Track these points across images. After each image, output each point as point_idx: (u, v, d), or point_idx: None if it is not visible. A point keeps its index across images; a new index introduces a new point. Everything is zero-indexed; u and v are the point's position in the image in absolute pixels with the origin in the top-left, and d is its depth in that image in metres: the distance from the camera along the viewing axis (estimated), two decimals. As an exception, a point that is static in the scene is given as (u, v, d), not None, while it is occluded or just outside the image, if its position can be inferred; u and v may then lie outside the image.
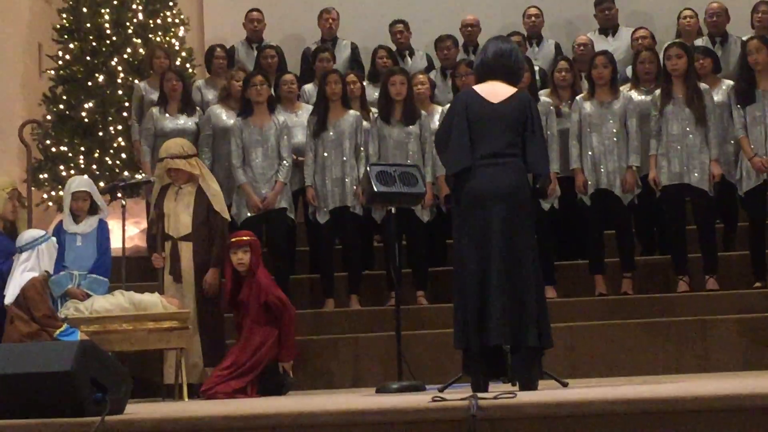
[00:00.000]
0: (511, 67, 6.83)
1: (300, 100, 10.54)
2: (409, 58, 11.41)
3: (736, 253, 9.45)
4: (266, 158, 9.47)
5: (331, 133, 9.57)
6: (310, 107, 10.11)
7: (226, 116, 9.96)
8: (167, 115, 10.16)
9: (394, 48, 11.35)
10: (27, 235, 8.27)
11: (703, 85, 9.17)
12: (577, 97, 9.48)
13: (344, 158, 9.54)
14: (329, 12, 11.61)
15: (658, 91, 9.19)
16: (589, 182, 9.25)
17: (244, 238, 8.28)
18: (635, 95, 9.39)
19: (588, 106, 9.33)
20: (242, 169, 9.45)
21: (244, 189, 9.44)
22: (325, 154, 9.56)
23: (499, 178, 6.55)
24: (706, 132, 9.01)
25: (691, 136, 9.02)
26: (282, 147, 9.50)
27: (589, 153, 9.26)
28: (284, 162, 9.50)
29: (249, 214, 9.41)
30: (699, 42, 10.35)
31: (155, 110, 10.21)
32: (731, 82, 9.45)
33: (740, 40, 10.07)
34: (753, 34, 10.14)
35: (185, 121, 10.12)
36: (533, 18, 11.43)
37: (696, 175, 9.01)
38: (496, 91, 6.73)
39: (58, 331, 7.73)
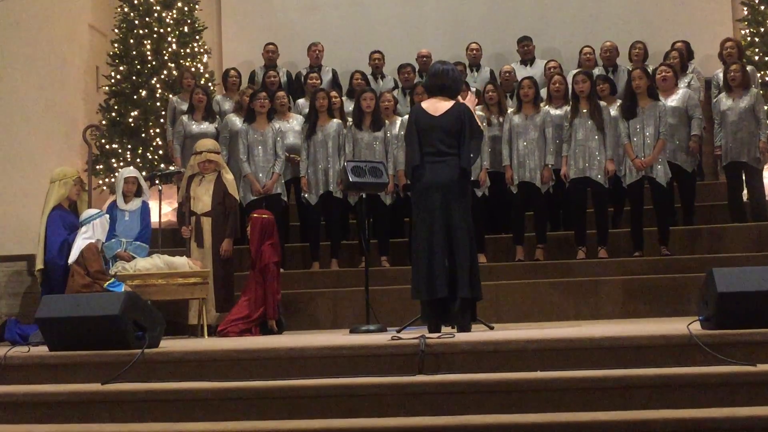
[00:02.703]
0: (447, 84, 6.70)
1: (293, 110, 10.49)
2: (381, 80, 11.36)
3: (621, 230, 9.47)
4: (265, 155, 9.42)
5: (320, 136, 9.50)
6: (300, 116, 10.08)
7: (239, 123, 9.87)
8: (194, 121, 10.11)
9: (370, 71, 11.29)
10: (87, 212, 8.28)
11: (602, 103, 9.14)
12: (509, 111, 9.41)
13: (329, 155, 9.48)
14: (316, 45, 11.54)
15: (568, 107, 9.19)
16: (516, 176, 9.23)
17: (261, 216, 8.25)
18: (552, 110, 9.32)
19: (516, 118, 9.27)
20: (247, 162, 9.40)
21: (248, 178, 9.38)
22: (315, 152, 9.51)
23: (439, 173, 6.52)
24: (603, 138, 9.00)
25: (592, 141, 9.01)
26: (277, 146, 9.46)
27: (516, 154, 9.24)
28: (279, 158, 9.46)
29: (252, 197, 9.37)
30: (596, 71, 10.33)
31: (185, 117, 10.15)
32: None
33: (627, 69, 10.07)
34: (631, 65, 10.17)
35: (207, 126, 10.06)
36: (474, 51, 11.32)
37: (595, 171, 8.99)
38: (436, 106, 6.67)
39: (106, 283, 7.73)
